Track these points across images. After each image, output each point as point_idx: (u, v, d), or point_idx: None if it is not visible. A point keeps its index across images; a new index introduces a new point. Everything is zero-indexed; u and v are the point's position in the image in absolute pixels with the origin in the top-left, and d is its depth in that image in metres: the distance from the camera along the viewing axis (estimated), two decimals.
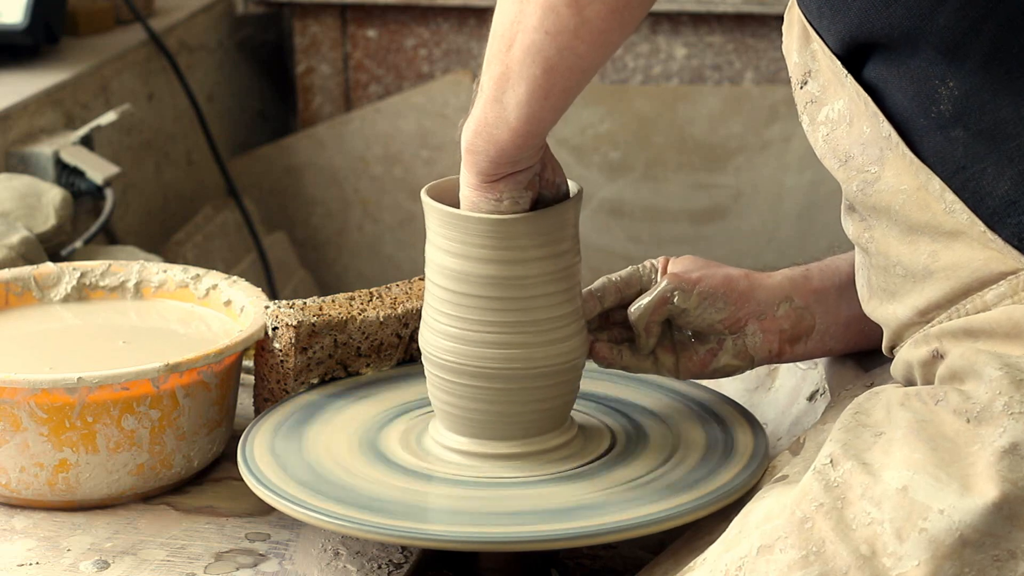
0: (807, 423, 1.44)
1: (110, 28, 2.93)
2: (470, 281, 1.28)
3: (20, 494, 1.41)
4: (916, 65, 1.14)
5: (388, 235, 3.38)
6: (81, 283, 1.62)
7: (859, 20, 1.15)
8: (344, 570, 1.32)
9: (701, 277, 1.36)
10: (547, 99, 1.17)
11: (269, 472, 1.31)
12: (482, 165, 1.23)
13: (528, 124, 1.19)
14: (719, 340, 1.38)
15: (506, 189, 1.24)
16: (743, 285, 1.37)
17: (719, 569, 1.12)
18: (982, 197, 1.12)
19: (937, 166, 1.14)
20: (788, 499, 1.12)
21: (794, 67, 1.22)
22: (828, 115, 1.19)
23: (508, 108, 1.18)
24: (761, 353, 1.38)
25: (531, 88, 1.16)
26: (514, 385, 1.30)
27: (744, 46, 3.22)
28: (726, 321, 1.36)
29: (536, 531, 1.22)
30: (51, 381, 1.37)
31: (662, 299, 1.35)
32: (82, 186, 2.43)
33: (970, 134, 1.12)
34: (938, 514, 1.04)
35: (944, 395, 1.11)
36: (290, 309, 1.46)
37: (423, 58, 3.37)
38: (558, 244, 1.29)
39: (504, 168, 1.23)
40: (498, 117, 1.19)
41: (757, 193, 3.25)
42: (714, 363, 1.38)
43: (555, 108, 1.19)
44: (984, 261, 1.12)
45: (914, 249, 1.16)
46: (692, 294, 1.35)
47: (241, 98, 3.42)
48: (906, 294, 1.18)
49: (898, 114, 1.15)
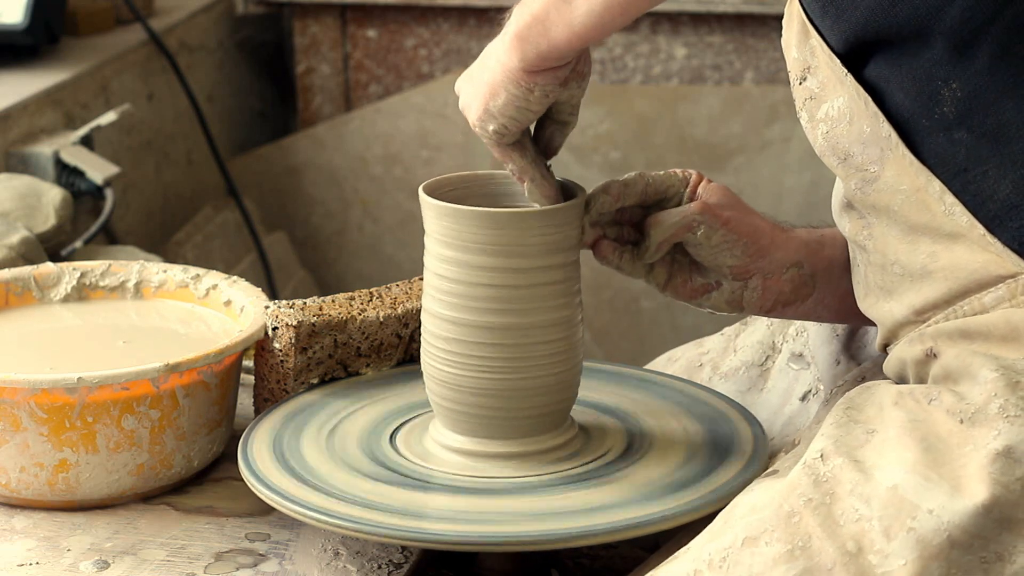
0: (800, 423, 1.44)
1: (110, 28, 2.93)
2: (470, 280, 1.28)
3: (20, 494, 1.41)
4: (919, 66, 1.13)
5: (388, 235, 3.38)
6: (81, 283, 1.62)
7: (865, 19, 1.14)
8: (344, 570, 1.32)
9: (731, 219, 1.31)
10: (624, 14, 1.15)
11: (269, 472, 1.31)
12: (529, 55, 1.20)
13: (593, 32, 1.17)
14: (718, 281, 1.34)
15: (542, 81, 1.22)
16: (765, 241, 1.33)
17: (702, 558, 1.12)
18: (983, 200, 1.12)
19: (938, 168, 1.13)
20: (775, 492, 1.12)
21: (793, 62, 1.21)
22: (828, 112, 1.18)
23: (577, 11, 1.16)
24: (752, 307, 1.35)
25: (611, 1, 1.14)
26: (514, 386, 1.30)
27: (744, 46, 3.22)
28: (736, 268, 1.33)
29: (536, 531, 1.22)
30: (51, 381, 1.37)
31: (688, 225, 1.31)
32: (82, 186, 2.43)
33: (974, 136, 1.12)
34: (927, 514, 1.04)
35: (938, 395, 1.11)
36: (290, 309, 1.46)
37: (423, 58, 3.37)
38: (561, 244, 1.29)
39: (550, 62, 1.20)
40: (561, 17, 1.16)
41: (757, 193, 3.25)
42: (703, 298, 1.35)
43: (625, 20, 1.16)
44: (983, 264, 1.12)
45: (913, 249, 1.16)
46: (716, 232, 1.31)
47: (241, 98, 3.42)
48: (903, 293, 1.18)
49: (899, 114, 1.15)
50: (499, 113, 1.23)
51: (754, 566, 1.08)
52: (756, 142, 3.23)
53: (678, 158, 3.24)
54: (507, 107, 1.23)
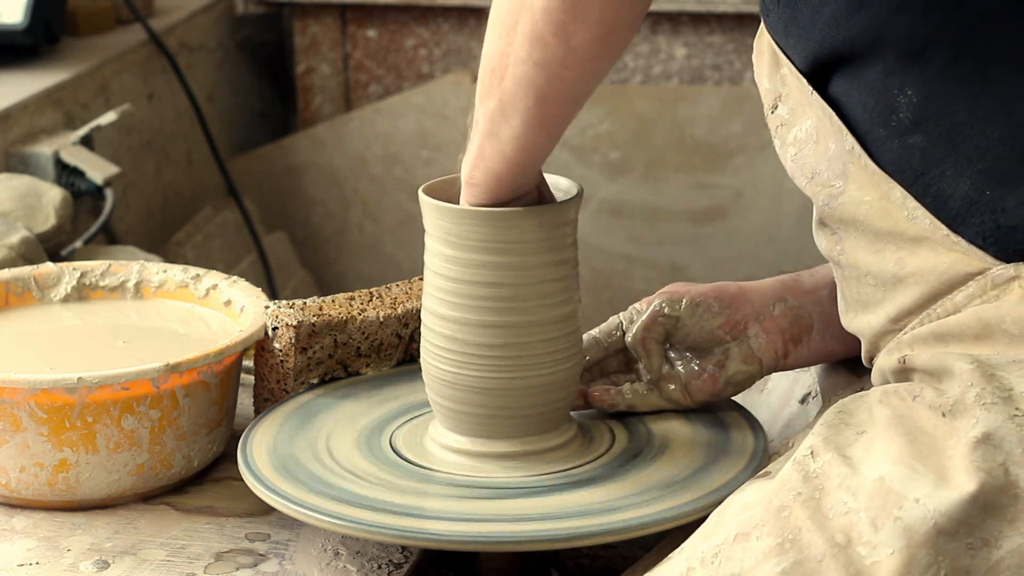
0: (799, 426, 1.44)
1: (110, 28, 2.93)
2: (470, 279, 1.28)
3: (20, 494, 1.41)
4: (875, 77, 1.16)
5: (388, 235, 3.38)
6: (81, 283, 1.62)
7: (822, 35, 1.17)
8: (344, 570, 1.32)
9: (688, 289, 1.38)
10: (542, 128, 1.20)
11: (269, 472, 1.31)
12: (482, 197, 1.25)
13: (524, 154, 1.21)
14: (724, 351, 1.38)
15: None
16: (733, 289, 1.38)
17: (695, 557, 1.12)
18: (943, 200, 1.13)
19: (897, 174, 1.15)
20: (766, 489, 1.13)
21: (765, 93, 1.25)
22: (796, 135, 1.21)
23: (504, 141, 1.20)
24: (768, 354, 1.38)
25: (525, 119, 1.18)
26: (514, 385, 1.30)
27: (744, 46, 3.22)
28: (725, 326, 1.37)
29: (536, 531, 1.22)
30: (51, 381, 1.37)
31: (653, 314, 1.37)
32: (82, 186, 2.43)
33: (928, 139, 1.14)
34: (913, 503, 1.05)
35: (920, 391, 1.12)
36: (290, 309, 1.46)
37: (423, 58, 3.37)
38: (558, 242, 1.29)
39: (504, 197, 1.25)
40: (494, 151, 1.21)
41: (757, 193, 3.25)
42: (723, 375, 1.38)
43: (550, 136, 1.21)
44: (950, 264, 1.13)
45: (881, 258, 1.17)
46: (682, 302, 1.37)
47: (241, 98, 3.42)
48: (878, 303, 1.19)
49: (860, 126, 1.17)
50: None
51: (745, 560, 1.09)
52: (756, 142, 3.23)
53: (678, 158, 3.24)
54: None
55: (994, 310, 1.12)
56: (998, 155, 1.12)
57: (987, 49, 1.12)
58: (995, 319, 1.12)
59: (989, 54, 1.12)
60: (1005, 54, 1.12)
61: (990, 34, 1.12)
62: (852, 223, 1.18)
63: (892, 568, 1.04)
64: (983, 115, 1.12)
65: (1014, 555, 1.04)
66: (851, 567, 1.05)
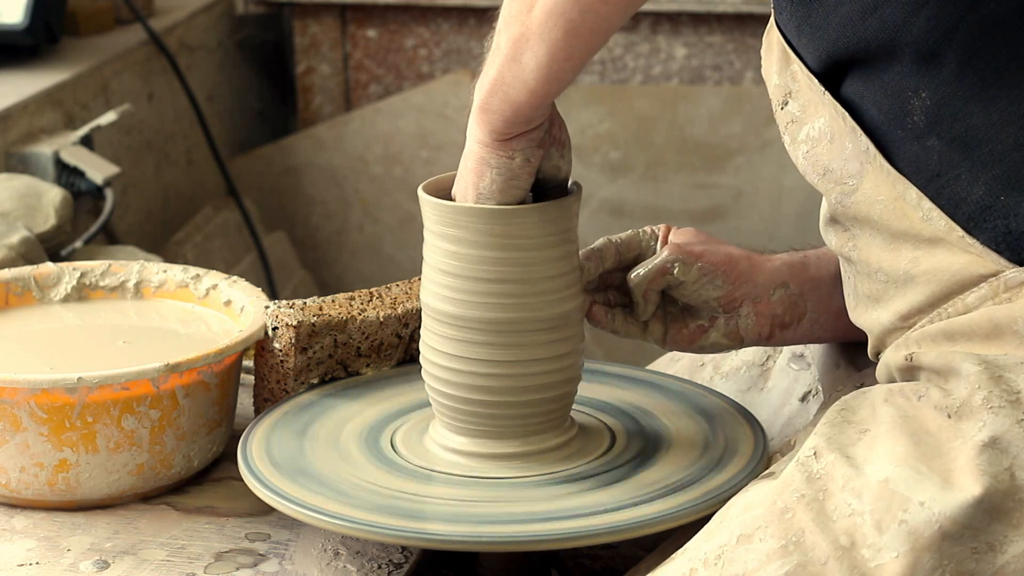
0: (799, 424, 1.44)
1: (110, 28, 2.93)
2: (470, 276, 1.28)
3: (20, 494, 1.41)
4: (890, 79, 1.16)
5: (388, 235, 3.38)
6: (81, 283, 1.62)
7: (836, 36, 1.17)
8: (344, 570, 1.32)
9: (704, 252, 1.36)
10: (568, 61, 1.17)
11: (269, 472, 1.31)
12: (496, 124, 1.22)
13: (547, 85, 1.18)
14: (711, 317, 1.38)
15: (519, 147, 1.24)
16: (744, 266, 1.37)
17: (698, 557, 1.12)
18: (958, 203, 1.14)
19: (913, 175, 1.15)
20: (769, 490, 1.12)
21: (774, 89, 1.24)
22: (809, 133, 1.21)
23: (527, 69, 1.17)
24: (751, 335, 1.38)
25: (552, 50, 1.16)
26: (514, 385, 1.30)
27: (744, 46, 3.22)
28: (722, 299, 1.37)
29: (536, 531, 1.22)
30: (51, 381, 1.36)
31: (662, 268, 1.35)
32: (82, 186, 2.43)
33: (943, 142, 1.14)
34: (918, 506, 1.05)
35: (926, 391, 1.12)
36: (290, 309, 1.46)
37: (423, 58, 3.37)
38: (558, 239, 1.29)
39: (519, 127, 1.22)
40: (516, 77, 1.18)
41: (757, 193, 3.25)
42: (703, 339, 1.38)
43: (575, 68, 1.18)
44: (963, 265, 1.14)
45: (896, 256, 1.17)
46: (693, 268, 1.35)
47: (241, 98, 3.42)
48: (889, 300, 1.19)
49: (875, 127, 1.17)
50: (490, 193, 1.25)
51: (748, 562, 1.09)
52: (756, 142, 3.23)
53: (678, 158, 3.24)
54: (494, 184, 1.25)
55: (1005, 311, 1.12)
56: (1012, 161, 1.12)
57: (1001, 53, 1.12)
58: (1006, 320, 1.12)
59: (1003, 58, 1.12)
60: (1019, 58, 1.12)
61: (1004, 38, 1.12)
62: (866, 221, 1.18)
63: (896, 572, 1.04)
64: (997, 120, 1.12)
65: (1019, 560, 1.04)
66: (855, 570, 1.05)
